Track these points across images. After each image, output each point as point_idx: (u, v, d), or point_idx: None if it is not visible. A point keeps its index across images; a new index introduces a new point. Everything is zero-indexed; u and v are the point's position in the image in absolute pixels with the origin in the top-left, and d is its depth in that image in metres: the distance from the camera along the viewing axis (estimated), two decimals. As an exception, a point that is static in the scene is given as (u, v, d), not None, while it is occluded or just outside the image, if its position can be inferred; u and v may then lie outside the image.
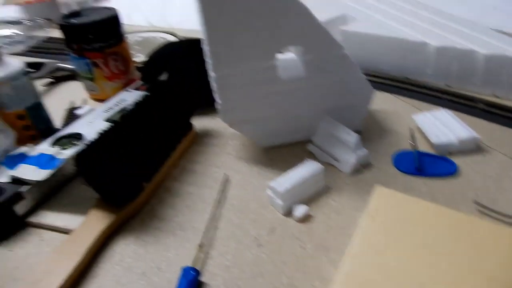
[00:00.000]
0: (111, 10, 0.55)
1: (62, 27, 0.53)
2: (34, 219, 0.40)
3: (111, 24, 0.54)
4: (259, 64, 0.38)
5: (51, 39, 0.81)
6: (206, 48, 0.38)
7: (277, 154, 0.45)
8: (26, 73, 0.46)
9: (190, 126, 0.49)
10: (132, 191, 0.39)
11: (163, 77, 0.52)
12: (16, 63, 0.46)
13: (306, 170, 0.38)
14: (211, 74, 0.39)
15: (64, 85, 0.66)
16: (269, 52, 0.38)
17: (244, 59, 0.38)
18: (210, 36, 0.36)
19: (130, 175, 0.39)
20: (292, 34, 0.37)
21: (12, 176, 0.40)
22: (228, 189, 0.41)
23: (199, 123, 0.51)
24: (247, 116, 0.42)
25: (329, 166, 0.43)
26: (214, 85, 0.39)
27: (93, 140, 0.38)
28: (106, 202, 0.38)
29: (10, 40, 0.73)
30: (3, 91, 0.44)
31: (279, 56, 0.40)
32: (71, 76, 0.68)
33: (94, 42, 0.53)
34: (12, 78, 0.44)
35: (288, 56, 0.43)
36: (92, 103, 0.59)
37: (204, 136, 0.50)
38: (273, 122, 0.43)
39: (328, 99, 0.42)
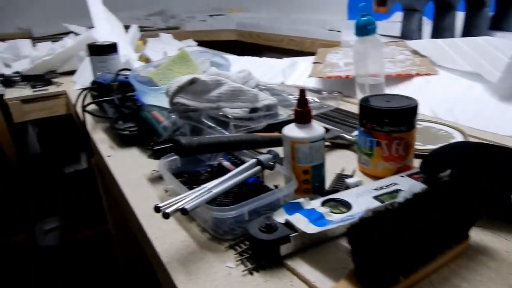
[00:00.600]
0: (412, 100, 0.57)
1: (362, 107, 0.59)
2: (290, 263, 0.44)
3: (408, 114, 0.56)
4: None
5: (338, 110, 0.91)
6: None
7: None
8: (323, 138, 0.53)
9: (466, 235, 0.44)
10: (388, 279, 0.38)
11: (445, 174, 0.50)
12: (319, 128, 0.53)
13: None
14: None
15: (338, 151, 0.73)
16: None
17: None
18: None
19: (390, 263, 0.38)
20: None
21: (287, 220, 0.46)
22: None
23: (476, 235, 0.45)
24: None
25: None
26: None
27: (367, 215, 0.39)
28: (359, 278, 0.38)
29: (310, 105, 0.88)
30: (302, 149, 0.52)
31: None
32: (347, 145, 0.74)
33: (387, 125, 0.56)
34: (313, 140, 0.52)
35: None
36: (360, 175, 0.63)
37: (480, 253, 0.43)
38: None
39: None
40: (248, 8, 2.87)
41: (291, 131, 0.53)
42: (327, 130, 0.78)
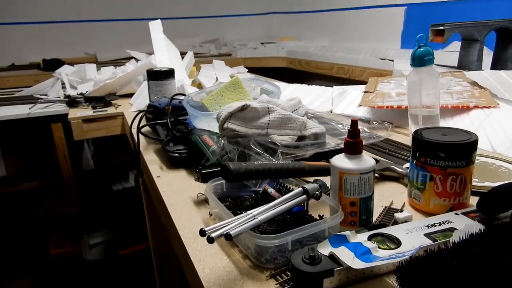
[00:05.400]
0: (472, 135, 0.55)
1: (416, 139, 0.56)
2: (333, 299, 0.42)
3: (466, 149, 0.54)
4: None
5: (388, 141, 0.89)
6: None
7: None
8: (373, 170, 0.51)
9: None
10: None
11: (506, 214, 0.46)
12: (369, 160, 0.52)
13: None
14: None
15: (387, 184, 0.70)
16: None
17: None
18: None
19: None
20: None
21: (331, 253, 0.45)
22: None
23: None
24: None
25: None
26: None
27: (419, 254, 0.37)
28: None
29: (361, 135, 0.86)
30: (351, 180, 0.51)
31: None
32: (396, 178, 0.71)
33: (442, 159, 0.53)
34: (363, 172, 0.50)
35: None
36: (410, 210, 0.60)
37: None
38: None
39: None
40: (299, 37, 2.91)
41: (341, 161, 0.52)
42: (376, 161, 0.76)
